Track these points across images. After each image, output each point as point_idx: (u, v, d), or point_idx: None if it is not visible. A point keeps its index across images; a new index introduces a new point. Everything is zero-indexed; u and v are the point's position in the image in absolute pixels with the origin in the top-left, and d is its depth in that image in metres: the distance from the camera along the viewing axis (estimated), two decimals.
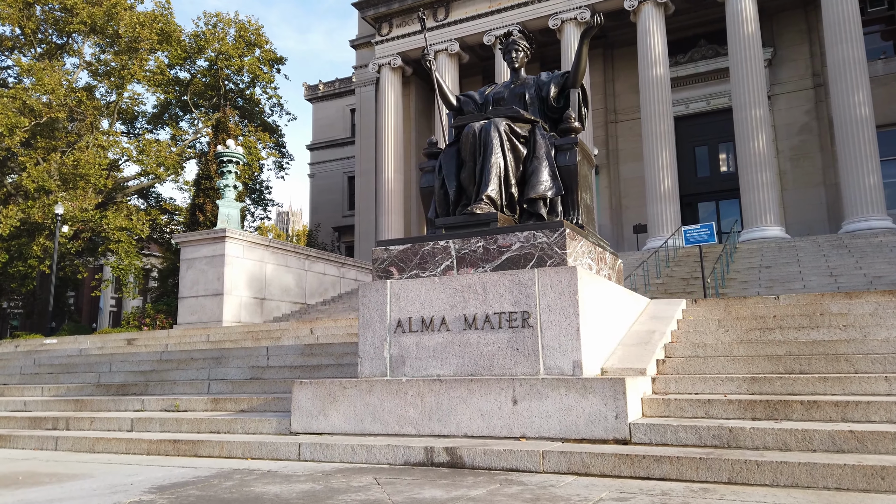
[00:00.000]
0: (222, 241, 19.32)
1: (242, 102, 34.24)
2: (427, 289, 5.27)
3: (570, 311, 4.73)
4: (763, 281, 15.87)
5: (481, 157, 5.70)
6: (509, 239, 5.13)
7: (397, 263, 5.53)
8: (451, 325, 5.12)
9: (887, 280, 14.07)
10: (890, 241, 18.22)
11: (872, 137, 20.95)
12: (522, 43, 6.70)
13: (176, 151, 30.05)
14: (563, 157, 5.79)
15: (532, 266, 5.03)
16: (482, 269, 5.20)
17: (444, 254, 5.35)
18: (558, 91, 6.40)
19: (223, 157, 20.39)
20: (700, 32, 26.92)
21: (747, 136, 22.24)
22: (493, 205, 5.56)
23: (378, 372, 5.33)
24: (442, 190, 6.01)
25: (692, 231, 12.81)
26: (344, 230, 39.35)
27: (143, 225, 26.11)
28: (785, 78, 25.64)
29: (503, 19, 26.43)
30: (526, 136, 5.88)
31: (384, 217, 28.10)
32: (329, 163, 41.99)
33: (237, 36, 30.80)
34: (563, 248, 4.93)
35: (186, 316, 19.65)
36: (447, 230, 5.54)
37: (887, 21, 25.05)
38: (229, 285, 19.28)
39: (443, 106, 6.91)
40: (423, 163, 6.44)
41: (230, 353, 7.96)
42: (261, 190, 36.58)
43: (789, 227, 22.46)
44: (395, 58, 28.34)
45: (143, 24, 25.85)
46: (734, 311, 6.60)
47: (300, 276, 21.85)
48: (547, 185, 5.65)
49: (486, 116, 5.96)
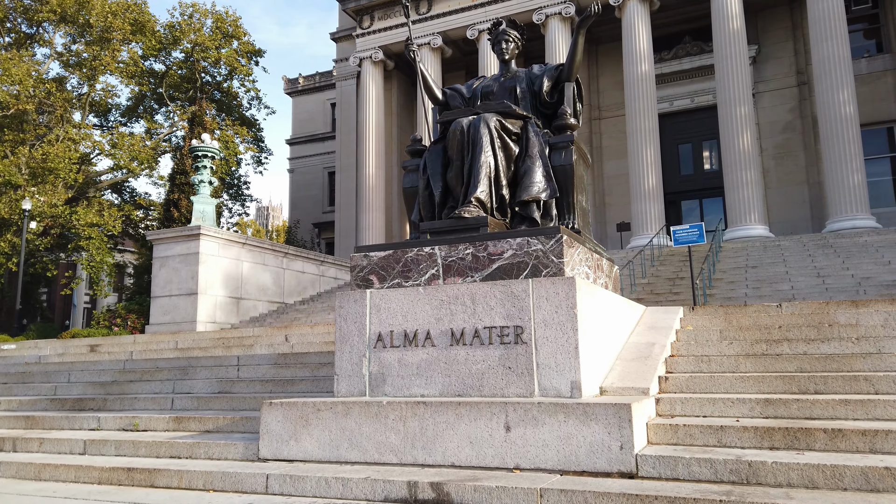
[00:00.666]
0: (196, 239, 18.67)
1: (220, 96, 33.42)
2: (410, 300, 4.81)
3: (567, 326, 4.30)
4: (750, 281, 15.62)
5: (470, 156, 5.25)
6: (501, 246, 4.69)
7: (378, 271, 5.06)
8: (437, 340, 4.66)
9: (876, 281, 13.87)
10: (874, 240, 18.10)
11: (857, 136, 20.84)
12: (513, 33, 6.24)
13: (150, 145, 29.20)
14: (557, 157, 5.35)
15: (526, 276, 4.59)
16: (471, 279, 4.75)
17: (429, 261, 4.90)
18: (552, 85, 5.96)
19: (198, 152, 19.71)
20: (685, 29, 26.69)
21: (732, 134, 22.03)
22: (483, 208, 5.11)
23: (356, 390, 4.86)
24: (427, 191, 5.55)
25: (681, 231, 12.48)
26: (324, 226, 38.69)
27: (116, 221, 25.27)
28: (769, 75, 25.50)
29: (487, 13, 25.96)
30: (518, 133, 5.43)
31: (365, 214, 27.55)
32: (309, 158, 41.28)
33: (214, 27, 29.96)
34: (559, 257, 4.49)
35: (159, 316, 18.98)
36: (432, 235, 5.09)
37: (870, 19, 24.99)
38: (204, 284, 18.64)
39: (427, 100, 6.44)
40: (407, 161, 5.97)
41: (198, 363, 7.43)
42: (238, 185, 35.79)
43: (773, 225, 22.32)
44: (376, 51, 27.75)
45: (116, 13, 24.97)
46: (735, 321, 6.22)
47: (278, 274, 21.26)
48: (541, 187, 5.21)
49: (474, 111, 5.50)
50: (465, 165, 5.29)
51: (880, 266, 15.09)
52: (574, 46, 5.83)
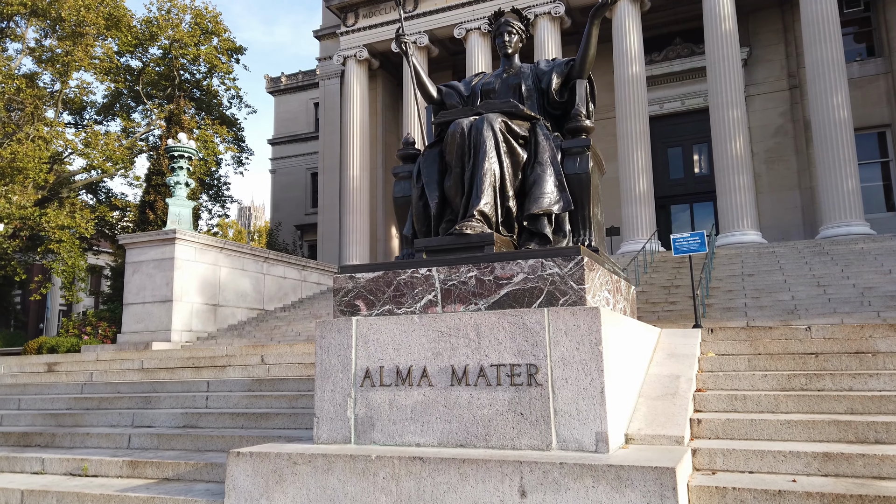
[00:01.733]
0: (172, 243, 17.79)
1: (199, 94, 32.46)
2: (403, 330, 4.12)
3: (591, 365, 3.63)
4: (748, 291, 15.11)
5: (471, 162, 4.57)
6: (510, 269, 4.01)
7: (365, 296, 4.36)
8: (435, 378, 3.98)
9: (880, 292, 13.40)
10: (871, 248, 17.70)
11: (851, 141, 20.47)
12: (516, 24, 5.58)
13: (126, 144, 28.19)
14: (572, 164, 4.68)
15: (540, 305, 3.92)
16: (474, 307, 4.07)
17: (425, 285, 4.21)
18: (562, 82, 5.30)
19: (174, 152, 18.84)
20: (675, 31, 26.25)
21: (724, 137, 21.60)
22: (487, 222, 4.43)
23: (340, 437, 4.16)
24: (421, 201, 4.86)
25: (681, 240, 11.89)
26: (307, 228, 37.82)
27: (88, 223, 24.24)
28: (760, 79, 25.13)
29: (474, 12, 25.32)
30: (525, 136, 4.76)
31: (349, 216, 26.78)
32: (291, 158, 40.39)
33: (193, 23, 29.02)
34: (580, 283, 3.83)
35: (132, 324, 18.09)
36: (429, 254, 4.40)
37: (861, 23, 24.71)
38: (179, 291, 17.78)
39: (420, 99, 5.74)
40: (398, 167, 5.28)
41: (163, 389, 6.67)
42: (218, 186, 34.83)
43: (764, 230, 21.92)
44: (361, 50, 26.99)
45: (89, 7, 23.95)
46: (762, 346, 5.60)
47: (258, 280, 20.44)
48: (553, 198, 4.54)
49: (476, 111, 4.82)
50: (465, 173, 4.61)
51: (881, 275, 14.64)
52: (587, 39, 5.17)
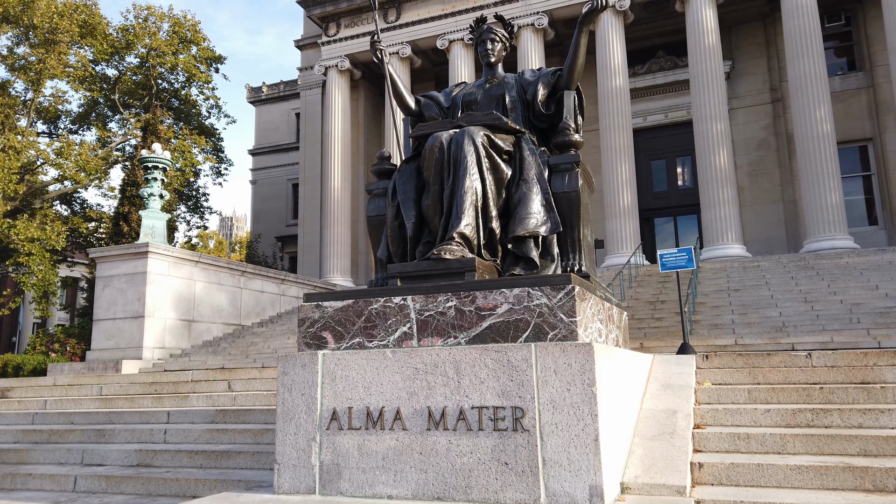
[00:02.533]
0: (144, 257, 17.21)
1: (177, 103, 31.89)
2: (375, 367, 3.70)
3: (583, 409, 3.25)
4: (735, 306, 14.87)
5: (451, 180, 4.18)
6: (493, 298, 3.62)
7: (334, 327, 3.94)
8: (410, 421, 3.56)
9: (868, 308, 13.20)
10: (856, 262, 17.59)
11: (834, 155, 20.45)
12: (500, 31, 5.22)
13: (101, 155, 27.52)
14: (560, 181, 4.31)
15: (527, 339, 3.52)
16: (454, 341, 3.67)
17: (399, 315, 3.80)
18: (548, 93, 4.95)
19: (148, 163, 18.28)
20: (658, 43, 26.22)
21: (708, 150, 21.49)
22: (468, 246, 4.04)
23: (303, 486, 3.73)
24: (396, 221, 4.46)
25: (669, 255, 11.60)
26: (287, 240, 37.26)
27: (59, 236, 23.51)
28: (743, 92, 25.14)
29: (457, 23, 25.09)
30: (510, 151, 4.39)
31: (329, 228, 26.29)
32: (272, 169, 39.88)
33: (171, 31, 28.49)
34: (571, 315, 3.44)
35: (102, 341, 17.45)
36: (404, 280, 3.99)
37: (842, 37, 24.84)
38: (152, 306, 17.19)
39: (397, 110, 5.35)
40: (372, 184, 4.88)
41: (120, 420, 6.18)
42: (197, 197, 34.19)
43: (748, 244, 21.79)
44: (342, 60, 26.63)
45: (63, 14, 23.36)
46: (761, 375, 5.26)
47: (234, 294, 19.87)
48: (540, 219, 4.17)
49: (456, 124, 4.45)
50: (444, 191, 4.22)
51: (868, 291, 14.47)
52: (575, 47, 4.83)
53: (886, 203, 22.72)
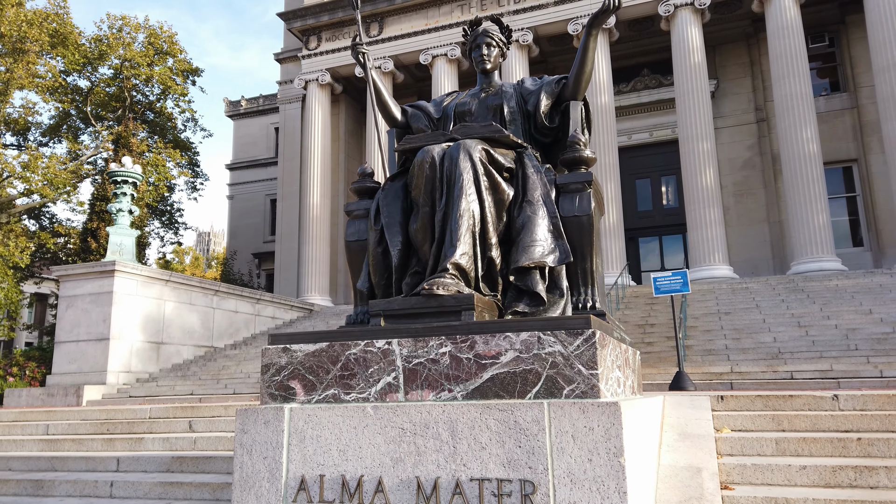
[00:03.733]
0: (111, 276, 16.38)
1: (152, 116, 31.06)
2: (353, 425, 3.07)
3: (609, 485, 2.64)
4: (727, 331, 14.43)
5: (444, 200, 3.59)
6: (496, 344, 3.01)
7: (304, 375, 3.30)
8: (395, 494, 2.93)
9: (864, 334, 12.82)
10: (846, 285, 17.29)
11: (820, 175, 20.29)
12: (496, 35, 4.67)
13: (70, 168, 26.58)
14: (569, 203, 3.74)
15: (537, 395, 2.92)
16: (448, 395, 3.06)
17: (382, 363, 3.18)
18: (552, 104, 4.40)
19: (117, 177, 17.50)
20: (643, 62, 26.07)
21: (694, 169, 21.23)
22: (464, 278, 3.44)
23: None
24: (380, 247, 3.85)
25: (662, 279, 11.12)
26: (265, 257, 36.40)
27: (23, 252, 22.48)
28: (728, 111, 25.02)
29: (441, 38, 24.72)
30: (511, 167, 3.81)
31: (308, 246, 25.57)
32: (250, 184, 39.09)
33: (147, 43, 27.75)
34: (591, 366, 2.85)
35: (64, 365, 16.52)
36: (389, 319, 3.38)
37: (825, 58, 24.88)
38: (118, 328, 16.33)
39: (381, 122, 4.77)
40: (351, 204, 4.27)
41: (64, 467, 5.45)
42: (171, 212, 33.26)
43: (734, 265, 21.50)
44: (323, 74, 26.08)
45: (32, 22, 22.53)
46: (786, 421, 4.71)
47: (207, 314, 19.04)
48: (547, 247, 3.58)
49: (450, 136, 3.86)
50: (436, 213, 3.62)
51: (862, 315, 14.12)
52: (583, 53, 4.28)
53: (872, 225, 22.60)
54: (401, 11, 25.39)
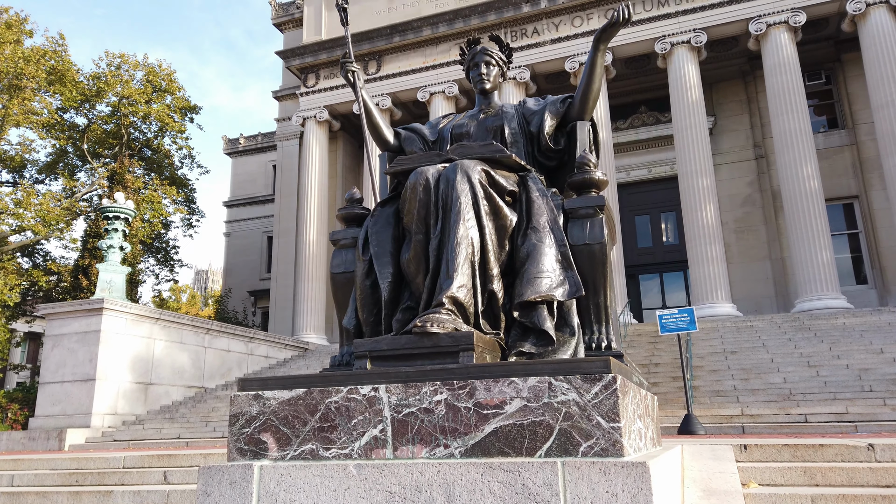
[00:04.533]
0: (99, 314, 15.92)
1: (150, 153, 30.97)
2: (333, 487, 2.62)
3: None
4: (734, 371, 13.93)
5: (440, 227, 3.20)
6: (500, 391, 2.59)
7: (277, 427, 2.86)
8: None
9: (877, 374, 12.34)
10: (854, 323, 16.84)
11: (823, 212, 20.03)
12: (496, 54, 4.37)
13: (64, 205, 26.30)
14: (579, 231, 3.36)
15: (549, 452, 2.49)
16: (444, 451, 2.62)
17: (368, 412, 2.75)
18: (557, 125, 4.06)
19: (108, 213, 17.17)
20: (640, 99, 26.09)
21: (694, 206, 20.98)
22: (462, 314, 3.04)
23: None
24: (368, 280, 3.45)
25: (668, 317, 10.71)
26: (260, 294, 35.92)
27: (13, 290, 22.01)
28: (726, 148, 24.91)
29: (438, 75, 24.77)
30: (514, 191, 3.44)
31: (303, 283, 25.13)
32: (247, 221, 38.84)
33: (145, 80, 27.78)
34: (613, 417, 2.42)
35: (47, 407, 15.92)
36: (376, 362, 2.96)
37: (822, 95, 24.89)
38: (105, 368, 15.79)
39: (373, 147, 4.42)
40: (337, 232, 3.89)
41: None
42: (166, 249, 32.93)
43: (736, 302, 21.05)
44: (321, 111, 26.04)
45: (29, 59, 22.51)
46: (819, 475, 4.25)
47: (198, 354, 18.50)
48: (554, 279, 3.18)
49: (446, 157, 3.50)
50: (431, 241, 3.23)
51: (873, 355, 13.65)
52: (590, 70, 3.96)
53: (875, 262, 22.26)
54: (398, 50, 25.49)
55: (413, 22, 24.90)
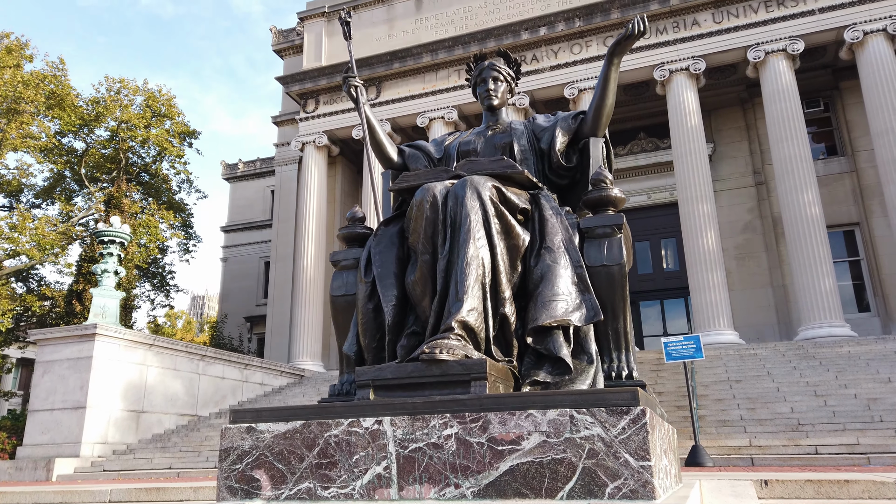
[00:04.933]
0: (91, 340, 15.60)
1: (148, 178, 30.88)
2: None
3: None
4: (740, 400, 13.63)
5: (448, 246, 3.00)
6: (517, 424, 2.36)
7: (272, 464, 2.62)
8: None
9: (887, 404, 12.04)
10: (859, 351, 16.56)
11: (824, 238, 19.87)
12: (503, 69, 4.21)
13: (60, 230, 26.08)
14: (596, 251, 3.16)
15: (572, 494, 2.25)
16: (455, 492, 2.38)
17: (371, 448, 2.51)
18: (568, 142, 3.88)
19: (104, 237, 16.96)
20: (639, 125, 26.12)
21: (695, 232, 20.82)
22: (473, 340, 2.81)
23: None
24: (371, 303, 3.23)
25: (674, 344, 10.46)
26: (257, 320, 35.53)
27: (5, 316, 21.68)
28: (726, 174, 24.86)
29: (438, 101, 24.80)
30: (526, 209, 3.24)
31: (300, 309, 24.82)
32: (245, 246, 38.62)
33: (144, 105, 27.79)
34: (642, 455, 2.19)
35: (36, 435, 15.51)
36: (380, 392, 2.73)
37: (821, 123, 24.93)
38: (96, 396, 15.43)
39: (375, 164, 4.23)
40: (338, 253, 3.68)
41: None
42: (163, 274, 32.65)
43: (738, 329, 20.77)
44: (320, 136, 26.01)
45: (28, 83, 22.50)
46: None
47: (192, 381, 18.14)
48: (571, 303, 2.97)
49: (454, 173, 3.31)
50: (438, 262, 3.02)
51: (881, 384, 13.37)
52: (604, 84, 3.80)
53: (878, 289, 22.06)
54: (398, 76, 25.56)
55: (413, 49, 25.01)
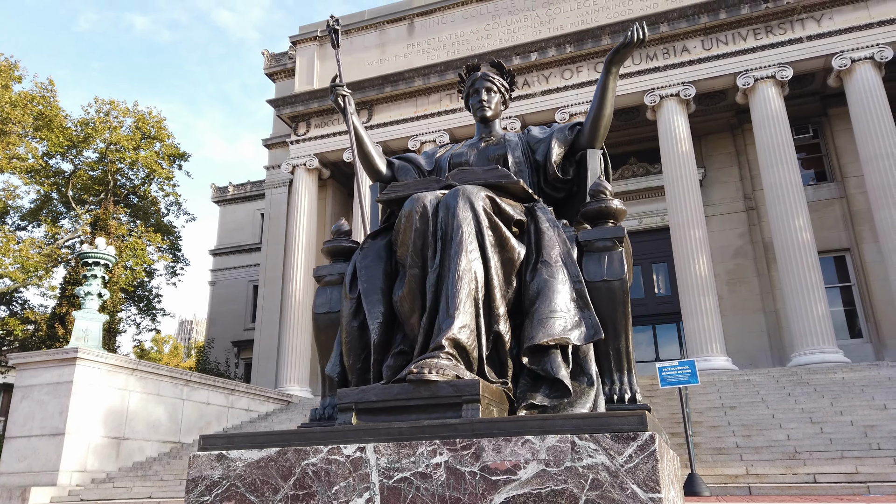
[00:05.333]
0: (72, 364, 15.19)
1: (136, 200, 30.60)
2: None
3: None
4: (735, 427, 13.38)
5: (438, 259, 2.80)
6: (512, 452, 2.14)
7: (243, 495, 2.38)
8: None
9: (884, 431, 11.84)
10: (853, 377, 16.40)
11: (816, 264, 19.81)
12: (497, 79, 4.06)
13: (45, 252, 25.70)
14: (595, 265, 2.97)
15: None
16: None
17: (352, 477, 2.28)
18: (565, 153, 3.72)
19: (88, 259, 16.65)
20: (630, 150, 26.19)
21: (687, 257, 20.73)
22: (465, 359, 2.60)
23: None
24: (356, 320, 3.01)
25: (669, 370, 10.26)
26: (244, 345, 35.01)
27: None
28: (716, 199, 24.91)
29: (429, 125, 24.80)
30: (521, 220, 3.06)
31: (289, 334, 24.45)
32: (233, 270, 38.23)
33: (134, 127, 27.64)
34: (652, 487, 1.98)
35: (13, 463, 14.99)
36: (363, 415, 2.51)
37: (810, 149, 25.10)
38: (75, 422, 14.97)
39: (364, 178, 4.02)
40: (323, 267, 3.47)
41: None
42: (149, 298, 32.21)
43: (731, 355, 20.59)
44: (311, 158, 25.90)
45: (17, 104, 22.31)
46: None
47: (175, 406, 17.69)
48: (569, 320, 2.77)
49: (445, 183, 3.13)
50: (428, 276, 2.83)
51: (877, 411, 13.18)
52: (602, 94, 3.65)
53: (870, 315, 21.99)
54: (390, 100, 25.59)
55: (405, 73, 25.07)
